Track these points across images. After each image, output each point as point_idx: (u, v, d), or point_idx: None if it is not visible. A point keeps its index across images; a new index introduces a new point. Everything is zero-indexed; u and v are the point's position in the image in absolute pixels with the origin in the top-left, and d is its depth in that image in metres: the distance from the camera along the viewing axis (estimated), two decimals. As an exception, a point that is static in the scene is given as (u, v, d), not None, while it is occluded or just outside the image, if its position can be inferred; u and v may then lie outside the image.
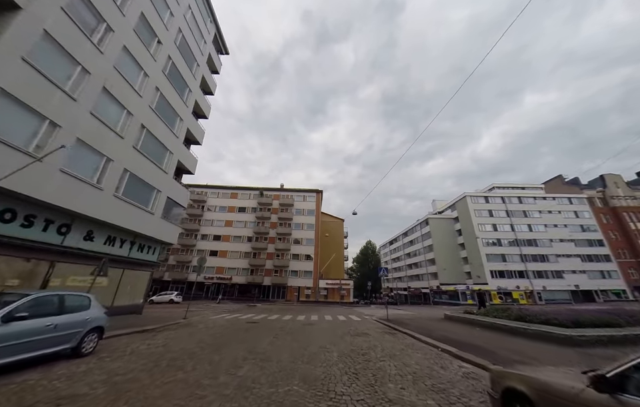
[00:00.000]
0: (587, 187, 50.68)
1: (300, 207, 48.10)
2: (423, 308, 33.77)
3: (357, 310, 25.21)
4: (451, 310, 31.25)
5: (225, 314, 16.82)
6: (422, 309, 31.03)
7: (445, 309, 36.10)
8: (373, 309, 28.46)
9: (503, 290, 41.86)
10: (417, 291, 57.31)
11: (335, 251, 50.92)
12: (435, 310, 26.98)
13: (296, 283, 41.59)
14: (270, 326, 11.58)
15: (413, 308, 32.42)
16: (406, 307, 38.34)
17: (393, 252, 79.64)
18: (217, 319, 14.40)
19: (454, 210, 53.50)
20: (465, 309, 15.59)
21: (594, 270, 43.34)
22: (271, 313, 19.02)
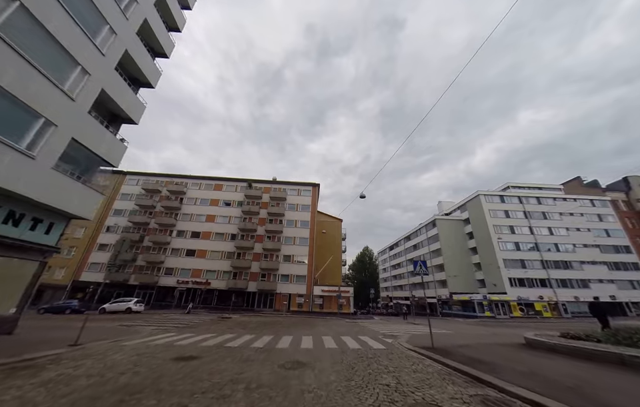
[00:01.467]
0: (608, 190, 46.50)
1: (293, 202, 42.24)
2: (439, 321, 28.06)
3: (365, 326, 19.30)
4: (485, 325, 25.45)
5: (165, 336, 10.66)
6: (440, 322, 25.35)
7: (471, 324, 30.41)
8: (382, 323, 22.58)
9: (524, 301, 36.55)
10: (422, 301, 51.53)
11: (332, 254, 44.98)
12: (463, 325, 21.33)
13: (286, 290, 35.34)
14: (212, 371, 5.62)
15: (427, 322, 26.68)
16: (418, 320, 32.55)
17: (393, 258, 74.07)
18: (135, 346, 8.30)
19: (464, 211, 48.47)
20: (563, 331, 9.80)
21: (623, 279, 38.58)
22: (243, 331, 12.97)
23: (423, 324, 21.20)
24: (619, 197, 44.77)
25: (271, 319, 21.47)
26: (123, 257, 35.83)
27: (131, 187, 42.27)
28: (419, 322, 22.66)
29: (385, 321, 25.61)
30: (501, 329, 19.14)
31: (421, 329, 16.25)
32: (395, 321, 27.63)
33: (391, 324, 20.76)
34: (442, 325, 21.95)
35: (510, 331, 17.50)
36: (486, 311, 36.22)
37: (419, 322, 22.16)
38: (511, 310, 36.19)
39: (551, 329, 15.07)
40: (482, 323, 26.84)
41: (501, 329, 18.66)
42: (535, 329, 15.52)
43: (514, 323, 27.52)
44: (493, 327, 20.36)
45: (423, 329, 16.08)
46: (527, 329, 18.89)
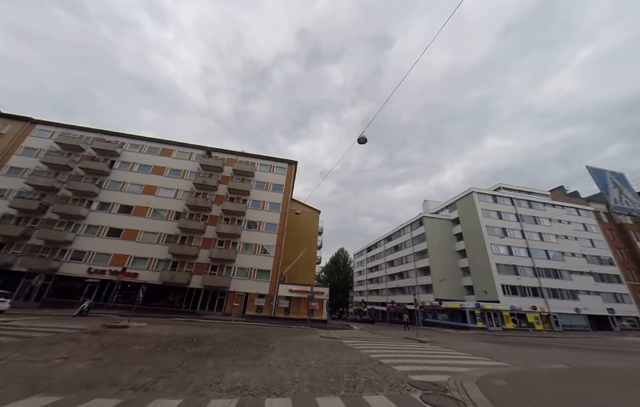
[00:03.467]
0: (590, 200, 45.89)
1: (263, 179, 34.31)
2: (429, 332, 22.31)
3: (353, 347, 12.20)
4: (493, 342, 18.18)
5: None
6: (435, 334, 19.47)
7: (474, 338, 25.10)
8: (372, 339, 15.88)
9: (517, 311, 32.74)
10: (401, 308, 46.44)
11: (307, 247, 37.73)
12: (471, 341, 15.38)
13: (243, 288, 27.23)
14: None
15: (435, 336, 20.48)
16: (422, 334, 26.56)
17: (371, 260, 68.94)
18: None
19: (453, 210, 44.56)
20: None
21: (607, 292, 36.97)
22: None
23: (436, 341, 14.90)
24: (601, 208, 44.21)
25: (201, 332, 13.47)
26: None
27: (41, 141, 31.02)
28: (428, 338, 16.33)
29: (372, 334, 19.01)
30: (522, 348, 13.64)
31: (453, 356, 9.69)
32: (384, 333, 21.20)
33: (390, 342, 14.09)
34: (447, 341, 15.88)
35: (546, 353, 12.02)
36: (478, 321, 31.66)
37: (427, 339, 15.81)
38: (504, 321, 32.10)
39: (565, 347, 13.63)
40: (482, 337, 21.64)
41: (526, 350, 13.15)
42: (561, 350, 10.13)
43: (516, 338, 22.75)
44: (508, 345, 14.85)
45: (456, 356, 9.53)
46: (548, 349, 13.62)
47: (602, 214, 43.63)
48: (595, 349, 14.89)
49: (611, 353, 13.58)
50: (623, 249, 40.88)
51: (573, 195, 47.01)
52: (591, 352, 13.74)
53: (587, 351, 13.90)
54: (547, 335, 28.23)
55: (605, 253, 39.78)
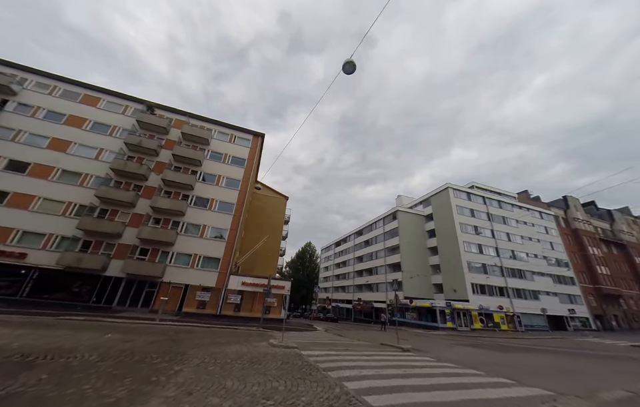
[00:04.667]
0: (551, 205, 47.90)
1: (220, 149, 28.56)
2: (403, 334, 19.40)
3: (316, 362, 7.88)
4: (463, 344, 15.64)
5: None
6: (409, 336, 16.38)
7: (436, 337, 22.66)
8: (343, 348, 11.90)
9: (485, 310, 31.87)
10: (368, 306, 44.19)
11: (269, 236, 33.03)
12: (441, 344, 12.29)
13: (182, 279, 21.64)
14: None
15: (415, 337, 17.13)
16: (402, 335, 23.38)
17: (339, 256, 66.20)
18: None
19: (427, 206, 43.08)
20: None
21: (563, 293, 38.37)
22: None
23: (418, 348, 11.30)
24: (559, 213, 46.34)
25: (72, 339, 8.08)
26: None
27: None
28: (408, 344, 12.79)
29: (339, 338, 15.13)
30: (515, 355, 10.87)
31: (465, 376, 5.99)
32: (352, 335, 17.51)
33: (366, 352, 10.08)
34: (427, 346, 12.60)
35: (553, 362, 9.29)
36: (447, 321, 30.03)
37: (408, 346, 12.23)
38: (472, 321, 30.96)
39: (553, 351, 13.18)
40: (456, 339, 19.30)
41: (522, 357, 10.43)
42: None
43: (490, 339, 20.92)
44: (495, 351, 12.09)
45: (470, 377, 5.83)
46: (543, 354, 11.18)
47: (560, 219, 45.79)
48: (586, 355, 12.79)
49: (612, 359, 11.38)
50: (577, 253, 43.19)
51: (535, 199, 48.75)
52: (591, 359, 11.40)
53: (585, 358, 11.56)
54: (513, 335, 27.43)
55: (562, 256, 41.52)
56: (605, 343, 20.62)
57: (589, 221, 47.02)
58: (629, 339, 24.15)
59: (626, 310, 41.98)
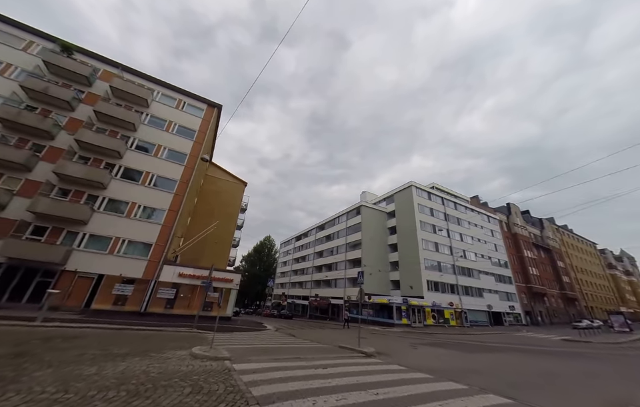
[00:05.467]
0: (497, 211, 52.37)
1: (163, 115, 23.89)
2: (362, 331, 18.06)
3: (249, 387, 5.43)
4: (429, 339, 16.39)
5: None
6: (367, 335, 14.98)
7: (393, 334, 21.88)
8: (284, 343, 9.63)
9: (437, 307, 32.87)
10: (325, 302, 43.04)
11: (222, 224, 29.37)
12: (419, 342, 10.99)
13: (95, 267, 17.12)
14: None
15: (374, 334, 15.39)
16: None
17: (299, 250, 64.28)
18: None
19: (390, 203, 43.32)
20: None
21: (503, 291, 42.00)
22: None
23: (382, 351, 9.48)
24: (503, 218, 50.93)
25: None
26: None
27: None
28: (371, 348, 11.05)
29: (290, 339, 12.84)
30: (480, 355, 9.95)
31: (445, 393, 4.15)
32: (307, 335, 15.38)
33: (322, 362, 7.91)
34: (389, 346, 11.12)
35: (508, 361, 8.43)
36: (403, 317, 30.10)
37: (372, 350, 10.46)
38: (425, 317, 31.60)
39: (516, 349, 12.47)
40: (414, 336, 18.71)
41: (477, 359, 9.47)
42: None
43: (444, 336, 20.94)
44: (444, 349, 11.13)
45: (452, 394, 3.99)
46: (508, 353, 10.52)
47: (503, 224, 50.39)
48: (543, 352, 12.64)
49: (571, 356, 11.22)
50: (514, 255, 47.94)
51: (483, 204, 52.88)
52: (553, 357, 11.07)
53: (547, 356, 11.20)
54: (462, 330, 28.50)
55: (503, 257, 45.59)
56: (540, 337, 22.10)
57: (525, 227, 52.82)
58: (555, 333, 26.68)
59: (548, 307, 48.05)
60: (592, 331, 26.79)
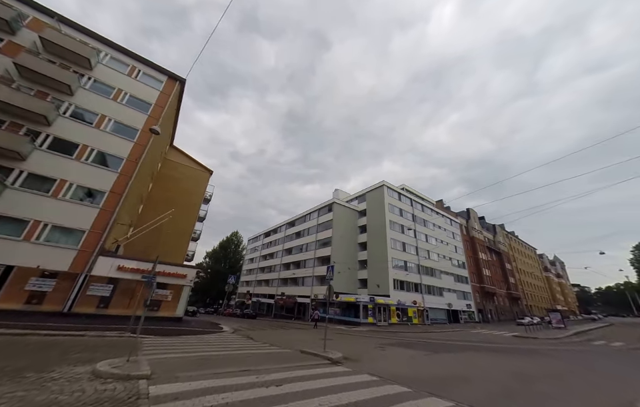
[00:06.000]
0: (458, 215, 55.83)
1: (111, 81, 20.44)
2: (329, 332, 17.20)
3: None
4: (397, 339, 15.46)
5: None
6: (333, 335, 14.13)
7: (360, 334, 21.37)
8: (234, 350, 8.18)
9: (402, 305, 33.62)
10: (292, 301, 41.84)
11: (181, 214, 26.63)
12: (387, 343, 10.22)
13: (3, 257, 13.71)
14: None
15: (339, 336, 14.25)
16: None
17: (267, 247, 62.18)
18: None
19: (362, 201, 43.48)
20: None
21: (460, 290, 44.73)
22: None
23: (348, 355, 8.32)
24: (463, 223, 54.47)
25: None
26: None
27: None
28: (337, 351, 10.00)
29: (246, 343, 11.32)
30: (444, 358, 9.35)
31: None
32: (268, 337, 13.95)
33: (276, 376, 6.58)
34: (355, 350, 10.21)
35: (486, 362, 8.12)
36: (369, 316, 30.13)
37: (338, 355, 9.40)
38: (390, 316, 32.08)
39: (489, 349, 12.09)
40: (381, 335, 18.45)
41: (451, 360, 8.91)
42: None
43: (410, 334, 21.14)
44: (413, 349, 10.56)
45: None
46: (479, 352, 10.23)
47: (463, 227, 53.93)
48: (508, 350, 12.96)
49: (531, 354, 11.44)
50: (471, 257, 51.56)
51: (446, 208, 56.08)
52: (520, 356, 11.20)
53: (514, 355, 11.29)
54: (424, 328, 29.40)
55: (462, 259, 48.68)
56: (494, 334, 23.49)
57: (481, 231, 57.28)
58: (504, 330, 28.77)
59: (497, 305, 52.66)
60: (534, 327, 29.48)
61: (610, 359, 11.74)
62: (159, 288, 15.92)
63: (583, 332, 26.52)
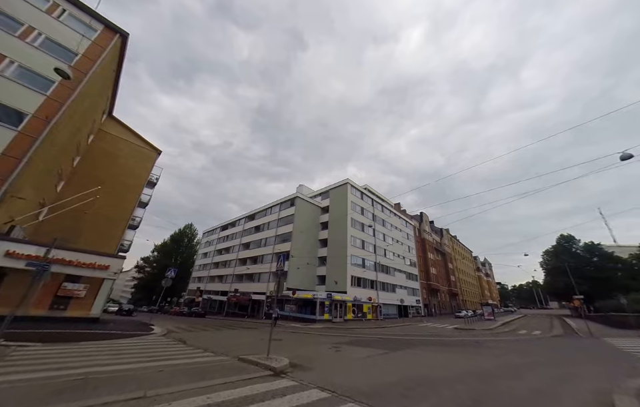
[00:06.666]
0: (413, 218, 59.80)
1: (20, 15, 15.79)
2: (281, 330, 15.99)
3: None
4: (358, 337, 14.82)
5: None
6: (286, 336, 13.07)
7: (316, 332, 20.58)
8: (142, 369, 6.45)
9: (358, 301, 34.22)
10: (246, 298, 39.51)
11: (116, 197, 22.57)
12: (347, 342, 9.52)
13: None
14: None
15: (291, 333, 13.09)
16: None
17: (223, 241, 58.19)
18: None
19: (325, 198, 43.17)
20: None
21: (410, 287, 47.80)
22: None
23: (301, 363, 7.10)
24: (416, 225, 58.56)
25: None
26: None
27: None
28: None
29: (178, 345, 9.41)
30: (404, 356, 9.02)
31: None
32: (208, 341, 12.05)
33: (197, 393, 5.07)
34: (298, 346, 9.19)
35: (444, 359, 7.95)
36: (325, 313, 29.82)
37: (283, 361, 8.23)
38: (346, 312, 32.33)
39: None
40: (330, 331, 18.08)
41: (410, 359, 8.40)
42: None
43: (366, 330, 21.31)
44: (371, 348, 10.23)
45: None
46: (448, 348, 10.11)
47: (416, 229, 58.01)
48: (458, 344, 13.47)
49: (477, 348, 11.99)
50: (421, 256, 55.72)
51: (403, 211, 59.69)
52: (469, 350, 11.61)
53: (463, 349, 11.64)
54: (378, 324, 30.26)
55: (413, 258, 52.20)
56: (439, 327, 25.23)
57: (431, 234, 62.50)
58: (446, 322, 31.39)
59: (440, 300, 58.04)
60: (470, 319, 32.89)
61: (545, 348, 13.08)
62: (69, 282, 12.68)
63: (507, 323, 30.49)
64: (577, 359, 10.35)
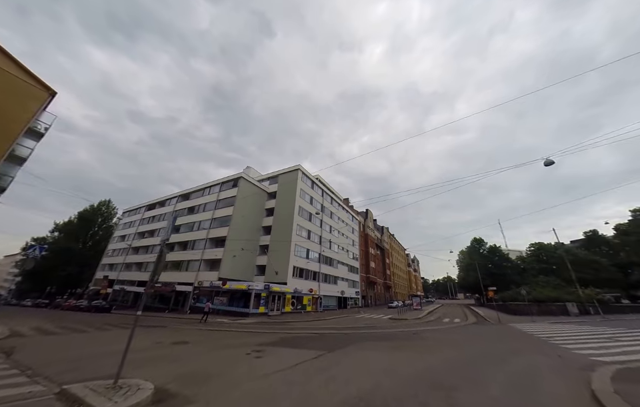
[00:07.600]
0: (359, 214, 61.57)
1: None
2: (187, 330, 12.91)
3: None
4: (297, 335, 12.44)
5: None
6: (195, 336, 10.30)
7: (247, 328, 17.69)
8: None
9: (298, 293, 32.72)
10: (168, 289, 33.95)
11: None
12: (276, 343, 7.52)
13: None
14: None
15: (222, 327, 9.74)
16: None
17: (147, 222, 49.48)
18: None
19: (273, 183, 40.00)
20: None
21: (351, 279, 49.00)
22: None
23: (188, 382, 4.71)
24: (361, 220, 60.56)
25: None
26: None
27: None
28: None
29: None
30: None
31: None
32: (50, 347, 8.26)
33: None
34: (198, 351, 6.80)
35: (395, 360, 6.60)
36: (261, 305, 27.30)
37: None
38: (285, 304, 30.45)
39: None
40: (261, 327, 15.94)
41: (348, 364, 6.88)
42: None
43: (302, 324, 19.80)
44: (305, 349, 8.51)
45: None
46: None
47: (361, 225, 60.04)
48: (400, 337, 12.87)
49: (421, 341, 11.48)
50: (363, 250, 57.99)
51: (351, 207, 60.99)
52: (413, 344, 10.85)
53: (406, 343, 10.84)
54: (318, 316, 29.35)
55: (356, 252, 53.75)
56: (375, 318, 25.64)
57: (374, 230, 65.87)
58: (381, 313, 32.68)
59: (376, 292, 61.82)
60: (401, 309, 35.12)
61: (479, 338, 13.44)
62: None
63: (431, 312, 33.58)
64: (509, 350, 10.21)
